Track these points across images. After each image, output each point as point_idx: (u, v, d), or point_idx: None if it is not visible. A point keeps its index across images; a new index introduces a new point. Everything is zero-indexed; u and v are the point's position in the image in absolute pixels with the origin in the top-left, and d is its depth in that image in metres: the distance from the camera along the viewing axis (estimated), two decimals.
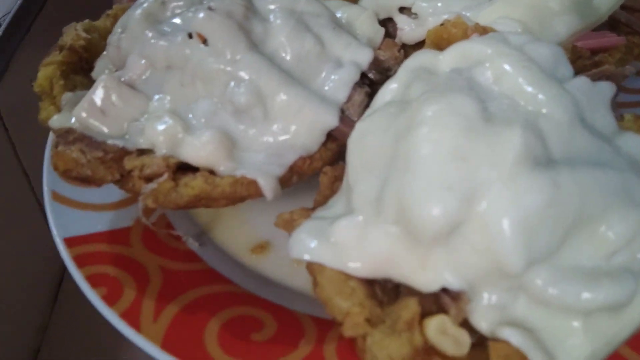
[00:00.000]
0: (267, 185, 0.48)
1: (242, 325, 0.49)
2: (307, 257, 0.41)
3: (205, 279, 0.53)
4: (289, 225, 0.45)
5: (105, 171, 0.49)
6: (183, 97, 0.52)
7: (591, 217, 0.37)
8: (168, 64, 0.52)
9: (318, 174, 0.48)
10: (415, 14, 0.63)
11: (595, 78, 0.54)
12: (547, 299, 0.37)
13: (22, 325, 0.62)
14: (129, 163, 0.49)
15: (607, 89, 0.45)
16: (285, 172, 0.49)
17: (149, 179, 0.48)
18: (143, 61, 0.53)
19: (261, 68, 0.50)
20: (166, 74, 0.53)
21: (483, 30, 0.54)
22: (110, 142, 0.50)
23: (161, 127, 0.50)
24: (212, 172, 0.49)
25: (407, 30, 0.64)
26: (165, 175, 0.47)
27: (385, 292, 0.41)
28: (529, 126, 0.39)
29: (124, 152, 0.50)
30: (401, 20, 0.64)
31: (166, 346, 0.45)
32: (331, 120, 0.51)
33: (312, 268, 0.41)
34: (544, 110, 0.41)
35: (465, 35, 0.56)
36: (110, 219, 0.56)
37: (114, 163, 0.49)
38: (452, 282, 0.38)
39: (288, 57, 0.53)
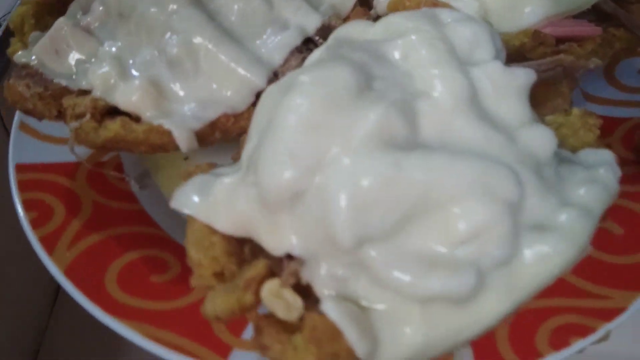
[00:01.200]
0: (181, 137, 0.49)
1: (148, 266, 0.51)
2: (185, 210, 0.43)
3: (132, 218, 0.56)
4: (189, 177, 0.47)
5: (43, 107, 0.52)
6: (129, 45, 0.54)
7: (439, 204, 0.36)
8: (120, 11, 0.55)
9: None
10: None
11: (549, 67, 0.51)
12: (382, 279, 0.37)
13: (22, 325, 0.62)
14: (66, 101, 0.52)
15: (522, 77, 0.43)
16: (204, 127, 0.51)
17: (78, 118, 0.51)
18: (101, 8, 0.56)
19: (195, 22, 0.51)
20: (118, 22, 0.55)
21: (433, 5, 0.53)
22: (56, 80, 0.54)
23: (100, 71, 0.52)
24: (139, 119, 0.51)
25: (382, 1, 0.62)
26: (88, 116, 0.50)
27: (253, 252, 0.42)
28: (399, 106, 0.38)
29: (66, 91, 0.53)
30: None
31: (68, 272, 0.49)
32: (259, 82, 0.51)
33: (187, 219, 0.43)
34: (433, 92, 0.40)
35: (418, 8, 0.54)
36: (65, 153, 0.59)
37: (52, 100, 0.53)
38: (295, 248, 0.38)
39: (232, 14, 0.54)
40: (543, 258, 0.37)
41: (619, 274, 0.49)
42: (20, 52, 0.56)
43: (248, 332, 0.46)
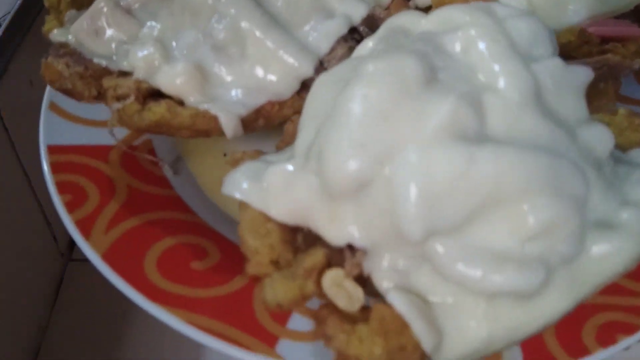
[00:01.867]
0: (228, 123, 0.49)
1: (186, 252, 0.50)
2: (237, 195, 0.42)
3: (168, 204, 0.55)
4: (236, 164, 0.46)
5: (83, 86, 0.51)
6: (172, 27, 0.53)
7: (509, 198, 0.36)
8: None
9: None
10: None
11: (595, 66, 0.51)
12: (448, 273, 0.36)
13: (22, 325, 0.62)
14: (106, 82, 0.51)
15: (581, 74, 0.43)
16: (250, 114, 0.50)
17: (120, 99, 0.50)
18: None
19: (243, 6, 0.50)
20: (160, 3, 0.54)
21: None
22: (96, 60, 0.53)
23: (142, 53, 0.51)
24: (182, 103, 0.50)
25: None
26: (132, 97, 0.49)
27: (306, 241, 0.42)
28: (468, 98, 0.37)
29: (105, 72, 0.52)
30: None
31: (106, 257, 0.48)
32: (306, 70, 0.51)
33: (240, 206, 0.42)
34: (498, 86, 0.39)
35: (466, 1, 0.54)
36: (97, 135, 0.58)
37: (93, 80, 0.51)
38: (357, 238, 0.38)
39: (278, 0, 0.53)
40: (607, 256, 0.37)
41: None
42: (56, 31, 0.55)
43: (293, 322, 0.46)
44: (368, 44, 0.48)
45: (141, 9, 0.55)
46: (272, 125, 0.52)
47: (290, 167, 0.41)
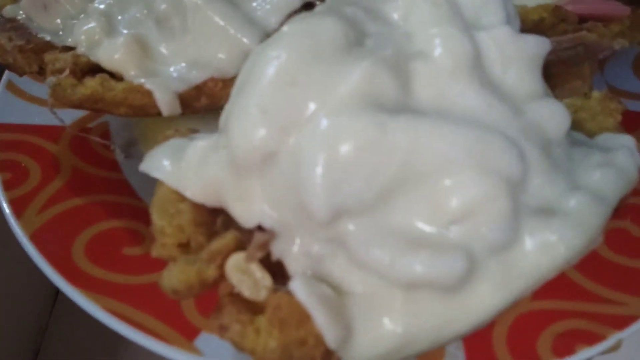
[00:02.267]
0: (163, 99, 0.46)
1: (121, 237, 0.48)
2: (154, 173, 0.39)
3: (113, 187, 0.52)
4: (164, 141, 0.43)
5: (23, 60, 0.49)
6: (119, 2, 0.51)
7: (427, 175, 0.32)
8: None
9: None
10: None
11: (568, 44, 0.46)
12: (358, 257, 0.32)
13: (22, 325, 0.61)
14: (47, 56, 0.49)
15: (534, 45, 0.38)
16: (188, 90, 0.47)
17: (58, 73, 0.48)
18: None
19: None
20: None
21: None
22: (40, 34, 0.51)
23: (85, 27, 0.49)
24: (121, 80, 0.48)
25: None
26: (67, 71, 0.46)
27: (226, 224, 0.38)
28: (389, 63, 0.33)
29: (49, 46, 0.50)
30: None
31: (34, 237, 0.46)
32: (250, 45, 0.47)
33: (157, 185, 0.39)
34: (432, 52, 0.35)
35: None
36: (52, 116, 0.56)
37: (33, 54, 0.49)
38: (265, 218, 0.34)
39: None
40: (546, 246, 0.32)
41: (635, 279, 0.44)
42: (8, 7, 0.54)
43: None
44: (317, 8, 0.44)
45: None
46: (217, 104, 0.49)
47: (206, 143, 0.38)
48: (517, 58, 0.37)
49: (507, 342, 0.41)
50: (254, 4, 0.49)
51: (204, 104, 0.48)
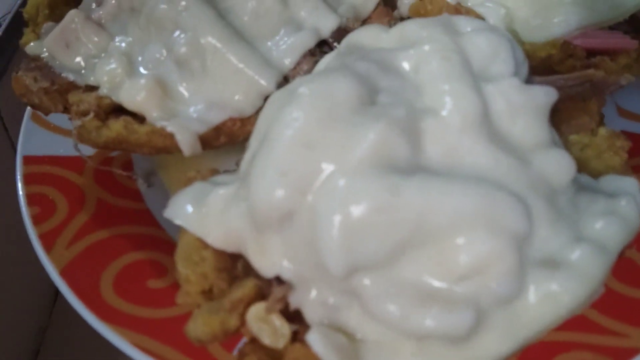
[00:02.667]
0: (184, 141, 0.48)
1: (145, 269, 0.50)
2: (177, 220, 0.41)
3: (136, 217, 0.55)
4: (188, 183, 0.45)
5: (49, 102, 0.51)
6: (139, 42, 0.53)
7: (438, 234, 0.33)
8: (132, 5, 0.53)
9: None
10: None
11: (576, 82, 0.48)
12: (373, 310, 0.34)
13: (22, 326, 0.62)
14: (71, 97, 0.51)
15: (542, 95, 0.39)
16: (208, 131, 0.49)
17: (83, 115, 0.50)
18: (114, 1, 0.54)
19: (205, 20, 0.49)
20: (130, 16, 0.54)
21: (455, 11, 0.50)
22: (64, 74, 0.53)
23: (107, 68, 0.51)
24: (143, 120, 0.50)
25: (406, 1, 0.59)
26: (92, 114, 0.49)
27: (246, 269, 0.40)
28: (401, 124, 0.35)
29: (72, 86, 0.52)
30: None
31: (64, 273, 0.48)
32: (267, 85, 0.49)
33: (180, 231, 0.41)
34: (442, 109, 0.37)
35: (440, 13, 0.51)
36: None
37: (58, 95, 0.52)
38: (284, 271, 0.36)
39: (245, 13, 0.51)
40: (550, 297, 0.34)
41: (638, 310, 0.46)
42: (32, 44, 0.56)
43: None
44: (326, 59, 0.46)
45: (112, 22, 0.55)
46: (236, 142, 0.51)
47: (228, 191, 0.40)
48: (525, 109, 0.39)
49: None
50: (269, 44, 0.51)
51: (223, 142, 0.50)
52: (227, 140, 0.50)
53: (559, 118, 0.48)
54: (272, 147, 0.35)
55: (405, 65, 0.41)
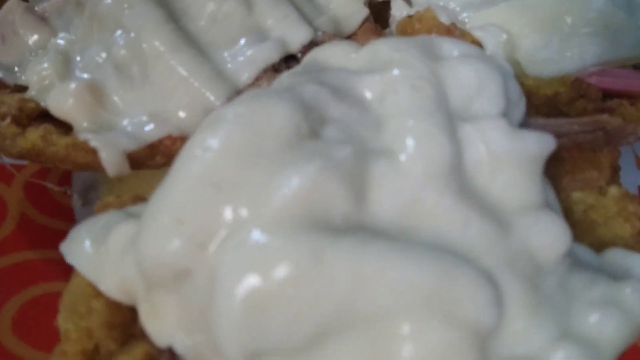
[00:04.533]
0: (109, 159, 0.40)
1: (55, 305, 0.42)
2: (69, 259, 0.33)
3: (61, 240, 0.47)
4: (102, 210, 0.37)
5: None
6: (82, 40, 0.46)
7: (371, 319, 0.25)
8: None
9: None
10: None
11: (586, 129, 0.40)
12: None
13: None
14: None
15: (534, 143, 0.31)
16: (141, 149, 0.41)
17: (1, 119, 0.42)
18: None
19: (150, 20, 0.42)
20: (75, 11, 0.47)
21: (447, 32, 0.42)
22: None
23: (38, 67, 0.44)
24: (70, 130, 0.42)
25: (399, 18, 0.51)
26: (8, 119, 0.41)
27: None
28: (341, 167, 0.27)
29: (0, 85, 0.45)
30: (396, 6, 0.52)
31: None
32: (215, 101, 0.42)
33: (73, 273, 0.34)
34: (401, 151, 0.29)
35: (429, 33, 0.44)
36: None
37: None
38: (179, 343, 0.28)
39: (201, 17, 0.44)
40: None
41: None
42: None
43: None
44: (282, 78, 0.38)
45: (57, 17, 0.48)
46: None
47: (131, 228, 0.32)
48: (511, 159, 0.31)
49: None
50: (225, 54, 0.44)
51: (160, 163, 0.43)
52: (165, 161, 0.43)
53: (562, 170, 0.40)
54: (172, 183, 0.28)
55: (368, 94, 0.33)
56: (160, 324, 0.29)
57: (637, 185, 0.55)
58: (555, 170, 0.38)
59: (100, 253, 0.32)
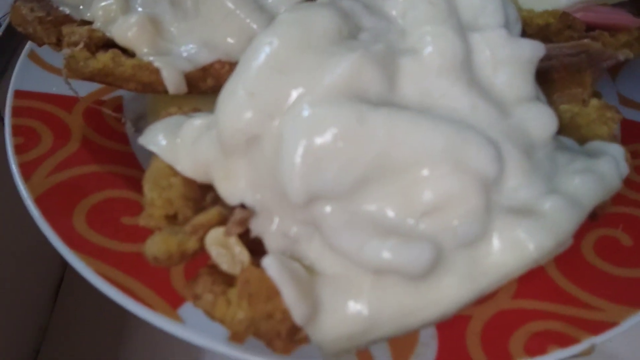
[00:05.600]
0: (169, 77, 0.48)
1: (121, 206, 0.50)
2: (150, 146, 0.41)
3: (119, 158, 0.54)
4: (166, 117, 0.45)
5: (42, 32, 0.51)
6: None
7: (402, 168, 0.33)
8: None
9: None
10: None
11: (571, 51, 0.47)
12: (331, 240, 0.34)
13: (23, 325, 0.61)
14: (65, 29, 0.51)
15: (528, 49, 0.39)
16: (195, 70, 0.49)
17: (74, 46, 0.50)
18: None
19: None
20: None
21: None
22: (61, 7, 0.53)
23: (103, 3, 0.51)
24: (133, 56, 0.50)
25: None
26: (81, 44, 0.48)
27: (214, 201, 0.40)
28: (376, 57, 0.34)
29: (68, 19, 0.52)
30: None
31: (39, 200, 0.48)
32: (258, 30, 0.48)
33: (152, 158, 0.41)
34: (422, 50, 0.36)
35: None
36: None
37: (52, 26, 0.52)
38: (247, 197, 0.36)
39: None
40: (515, 244, 0.33)
41: (617, 287, 0.44)
42: None
43: None
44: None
45: None
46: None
47: (201, 122, 0.39)
48: (509, 61, 0.38)
49: (481, 336, 0.41)
50: None
51: (210, 85, 0.50)
52: (214, 84, 0.50)
53: (552, 88, 0.47)
54: (244, 68, 0.35)
55: (393, 11, 0.40)
56: (233, 185, 0.36)
57: None
58: (546, 89, 0.45)
59: (175, 143, 0.40)
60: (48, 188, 0.49)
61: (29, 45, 0.62)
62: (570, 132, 0.44)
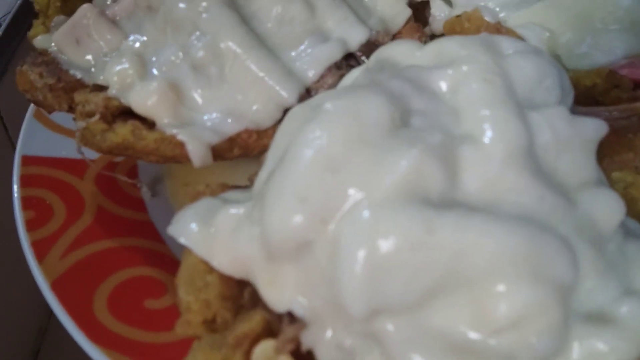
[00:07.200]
0: (195, 151, 0.44)
1: (143, 287, 0.46)
2: (182, 239, 0.37)
3: (137, 229, 0.51)
4: (195, 198, 0.41)
5: (53, 99, 0.48)
6: (154, 42, 0.50)
7: (475, 279, 0.30)
8: (149, 3, 0.50)
9: None
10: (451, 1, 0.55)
11: (622, 115, 0.44)
12: (396, 358, 0.30)
13: (22, 327, 0.61)
14: (77, 96, 0.48)
15: (591, 128, 0.36)
16: (222, 142, 0.45)
17: (88, 117, 0.46)
18: None
19: (226, 24, 0.46)
20: (146, 15, 0.51)
21: (495, 30, 0.46)
22: (71, 71, 0.49)
23: (118, 67, 0.48)
24: (153, 125, 0.46)
25: (439, 18, 0.56)
26: (97, 116, 0.45)
27: (253, 298, 0.37)
28: (437, 151, 0.31)
29: (79, 84, 0.49)
30: (436, 6, 0.56)
31: (55, 287, 0.44)
32: (287, 98, 0.46)
33: (184, 251, 0.38)
34: (482, 137, 0.33)
35: (477, 32, 0.48)
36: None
37: (64, 93, 0.48)
38: (297, 307, 0.32)
39: (269, 20, 0.48)
40: (595, 356, 0.30)
41: None
42: (40, 37, 0.53)
43: None
44: (353, 74, 0.42)
45: (127, 20, 0.51)
46: (250, 155, 0.47)
47: (239, 211, 0.36)
48: (572, 142, 0.35)
49: None
50: (293, 53, 0.48)
51: (237, 154, 0.47)
52: (241, 153, 0.47)
53: (601, 153, 0.44)
54: (292, 168, 0.32)
55: (442, 86, 0.37)
56: (280, 292, 0.33)
57: None
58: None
59: (209, 234, 0.36)
60: (64, 271, 0.46)
61: (32, 104, 0.58)
62: (627, 206, 0.41)
